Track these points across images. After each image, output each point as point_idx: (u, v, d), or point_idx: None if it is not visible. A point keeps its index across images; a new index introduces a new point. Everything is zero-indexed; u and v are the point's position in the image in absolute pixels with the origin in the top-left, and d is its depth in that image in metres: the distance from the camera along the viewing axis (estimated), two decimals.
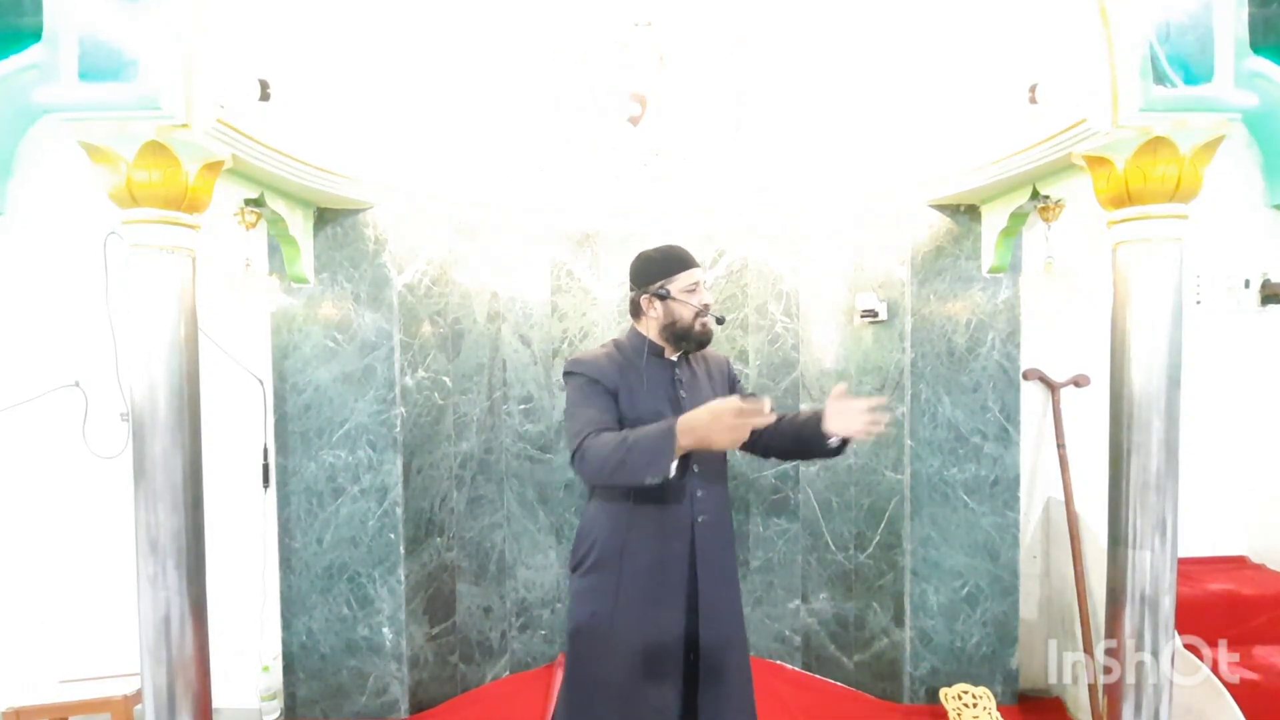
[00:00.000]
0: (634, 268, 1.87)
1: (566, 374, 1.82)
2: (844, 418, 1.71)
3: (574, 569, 1.83)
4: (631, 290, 1.86)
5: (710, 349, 1.98)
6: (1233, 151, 2.73)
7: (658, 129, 2.50)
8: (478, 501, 2.89)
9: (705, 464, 1.79)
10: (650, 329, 1.84)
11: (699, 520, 1.76)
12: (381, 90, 2.34)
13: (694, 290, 1.80)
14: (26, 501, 2.68)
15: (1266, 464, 2.86)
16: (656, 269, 1.83)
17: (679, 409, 1.70)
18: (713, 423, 1.49)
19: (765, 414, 1.50)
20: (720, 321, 1.85)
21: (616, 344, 1.89)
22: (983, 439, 2.66)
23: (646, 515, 1.74)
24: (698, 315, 1.79)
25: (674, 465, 1.54)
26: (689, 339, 1.81)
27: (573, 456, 1.67)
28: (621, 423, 1.72)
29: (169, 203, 1.63)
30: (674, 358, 1.86)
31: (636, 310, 1.85)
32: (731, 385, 1.97)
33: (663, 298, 1.79)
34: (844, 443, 1.75)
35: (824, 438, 1.73)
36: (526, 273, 2.95)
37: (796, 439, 1.82)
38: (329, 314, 2.62)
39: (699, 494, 1.75)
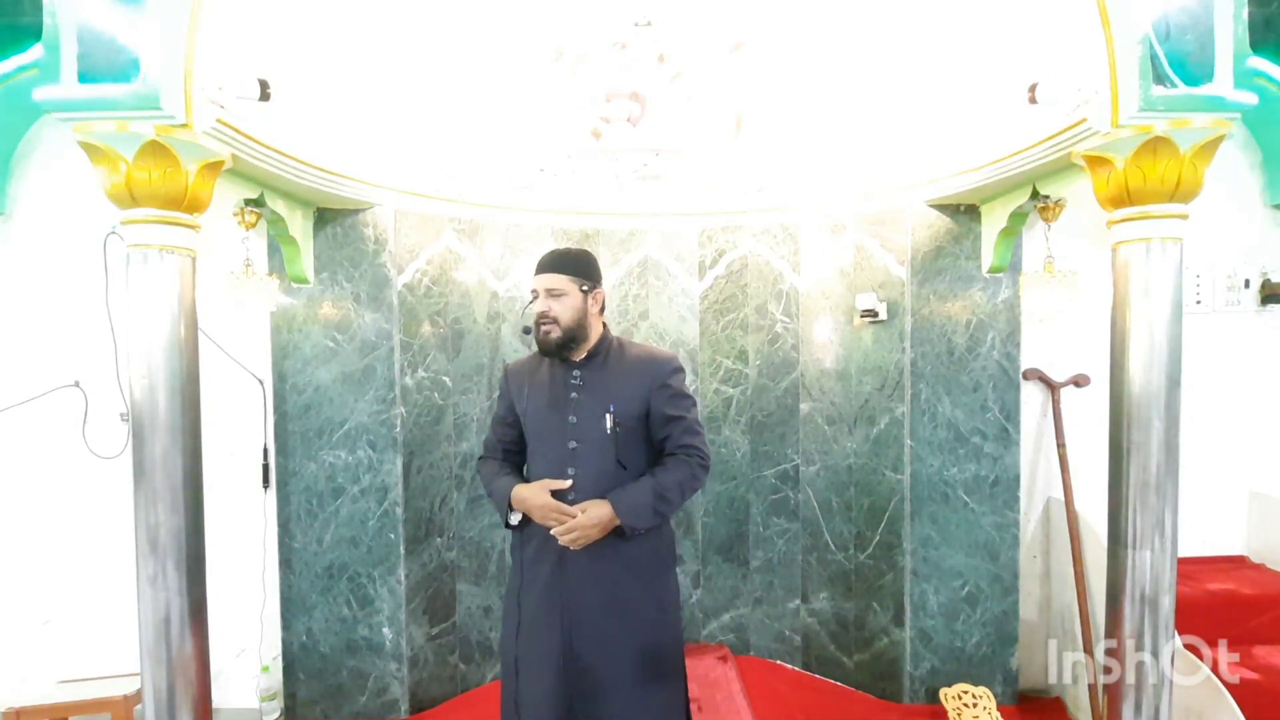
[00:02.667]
0: None
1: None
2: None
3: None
4: None
5: (656, 351, 1.97)
6: (1232, 151, 2.73)
7: (658, 129, 2.50)
8: (478, 501, 2.89)
9: (585, 467, 1.79)
10: None
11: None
12: (381, 90, 2.34)
13: (533, 296, 1.86)
14: (26, 501, 2.68)
15: (1266, 464, 2.86)
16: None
17: (567, 411, 1.84)
18: (530, 510, 1.78)
19: (565, 519, 1.73)
20: (526, 331, 1.86)
21: None
22: (983, 439, 2.66)
23: None
24: (537, 321, 1.83)
25: (515, 517, 1.82)
26: (537, 342, 1.85)
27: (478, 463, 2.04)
28: (522, 428, 1.92)
29: (169, 202, 1.63)
30: (577, 359, 1.87)
31: None
32: (656, 390, 1.82)
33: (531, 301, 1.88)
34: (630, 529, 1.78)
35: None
36: (526, 273, 2.94)
37: None
38: (329, 314, 2.62)
39: (570, 497, 1.77)
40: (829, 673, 2.95)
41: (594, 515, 1.73)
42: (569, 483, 1.78)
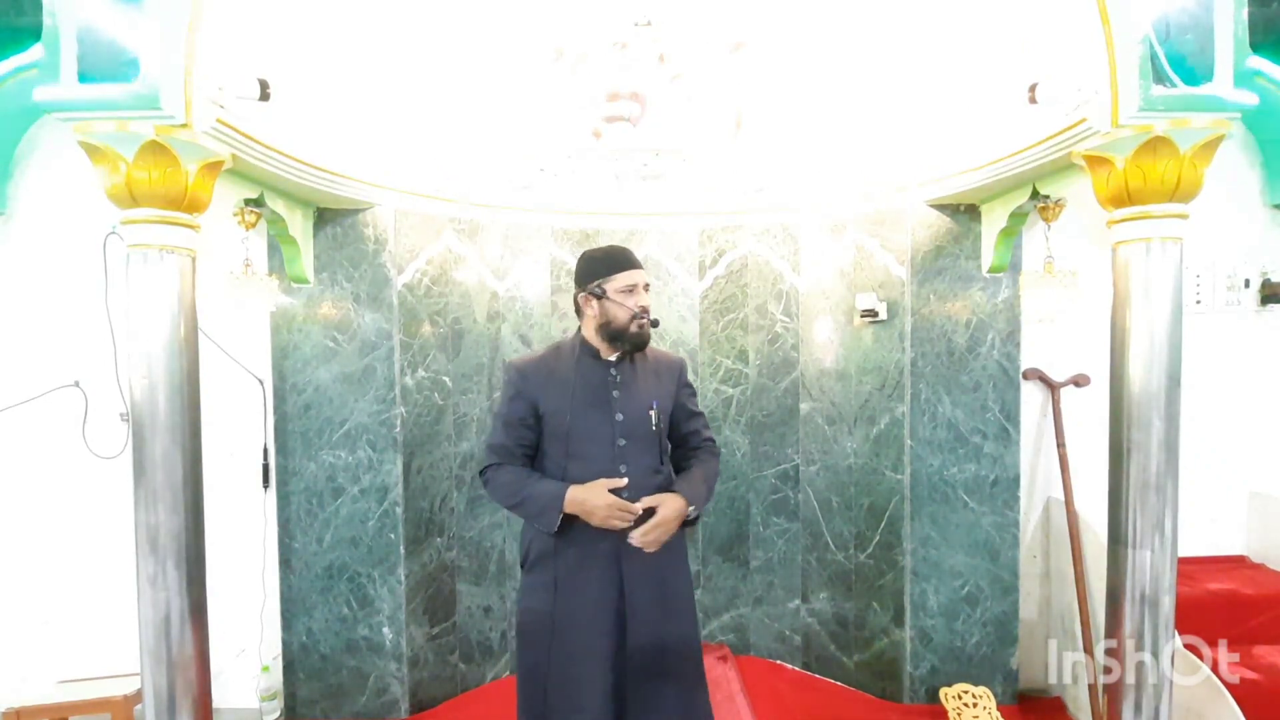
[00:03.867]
0: (577, 266, 1.89)
1: (504, 374, 1.93)
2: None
3: (521, 565, 1.88)
4: (576, 289, 1.88)
5: (666, 350, 2.03)
6: (1232, 151, 2.73)
7: (658, 129, 2.50)
8: (478, 501, 2.89)
9: (635, 464, 1.79)
10: (588, 328, 1.86)
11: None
12: (381, 90, 2.34)
13: (631, 291, 1.79)
14: (26, 501, 2.68)
15: (1266, 464, 2.86)
16: (596, 268, 1.84)
17: (611, 409, 1.81)
18: (591, 510, 1.71)
19: (630, 518, 1.70)
20: (654, 324, 1.82)
21: (558, 345, 1.94)
22: (983, 439, 2.65)
23: (573, 516, 1.75)
24: (634, 317, 1.78)
25: (558, 520, 1.72)
26: (624, 340, 1.81)
27: (481, 472, 1.87)
28: (542, 430, 1.82)
29: (169, 202, 1.63)
30: (612, 358, 1.86)
31: (578, 309, 1.88)
32: (680, 388, 1.93)
33: (598, 297, 1.80)
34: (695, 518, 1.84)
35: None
36: (526, 273, 2.95)
37: None
38: (329, 314, 2.62)
39: (625, 495, 1.75)
40: (829, 673, 2.95)
41: (673, 509, 1.74)
42: (625, 480, 1.76)
